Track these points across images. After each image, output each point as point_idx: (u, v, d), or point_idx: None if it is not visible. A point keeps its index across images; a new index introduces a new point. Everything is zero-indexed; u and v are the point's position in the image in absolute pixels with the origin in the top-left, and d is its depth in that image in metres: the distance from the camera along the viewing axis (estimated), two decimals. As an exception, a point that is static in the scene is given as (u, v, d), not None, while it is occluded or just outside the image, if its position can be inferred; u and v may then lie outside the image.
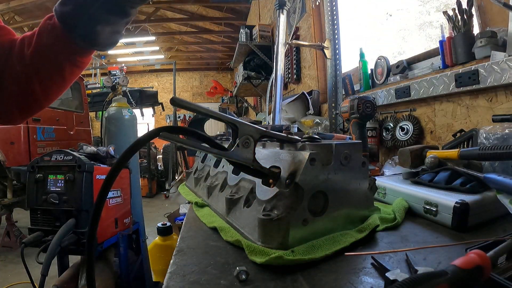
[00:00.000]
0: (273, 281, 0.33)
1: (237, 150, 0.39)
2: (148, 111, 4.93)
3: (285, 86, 2.70)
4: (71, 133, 3.53)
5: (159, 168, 5.29)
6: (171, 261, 0.39)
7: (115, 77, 3.92)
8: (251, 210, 0.47)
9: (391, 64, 1.32)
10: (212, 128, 6.46)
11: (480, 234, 0.45)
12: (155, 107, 4.97)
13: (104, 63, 7.29)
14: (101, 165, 1.34)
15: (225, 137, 0.88)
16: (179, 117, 7.21)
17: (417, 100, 1.06)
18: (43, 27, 0.46)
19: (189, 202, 0.76)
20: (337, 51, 1.55)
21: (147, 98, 4.66)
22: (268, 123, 1.55)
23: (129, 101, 3.46)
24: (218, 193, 0.65)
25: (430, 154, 0.66)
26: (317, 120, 1.43)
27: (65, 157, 1.17)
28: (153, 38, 6.48)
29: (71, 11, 0.43)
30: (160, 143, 5.71)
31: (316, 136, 0.47)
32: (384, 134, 1.20)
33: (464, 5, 0.92)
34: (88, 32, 0.44)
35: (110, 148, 1.89)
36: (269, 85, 1.54)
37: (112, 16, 0.43)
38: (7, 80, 0.47)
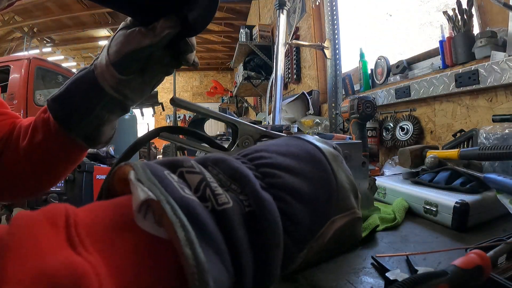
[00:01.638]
0: (273, 281, 0.33)
1: (237, 150, 0.39)
2: (148, 111, 4.94)
3: (285, 86, 2.70)
4: (71, 133, 3.53)
5: (159, 168, 5.27)
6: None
7: (115, 77, 3.93)
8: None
9: (391, 64, 1.32)
10: (212, 128, 6.46)
11: (480, 234, 0.45)
12: (155, 107, 4.97)
13: (104, 63, 7.29)
14: (101, 165, 1.34)
15: (225, 137, 0.88)
16: (179, 117, 7.22)
17: (417, 100, 1.07)
18: (38, 122, 0.42)
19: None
20: (337, 51, 1.55)
21: (147, 98, 4.66)
22: (268, 123, 1.56)
23: (129, 101, 3.46)
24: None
25: (430, 154, 0.66)
26: (317, 120, 1.43)
27: (65, 157, 1.18)
28: (153, 38, 6.47)
29: (70, 112, 0.39)
30: (160, 143, 5.71)
31: (316, 136, 0.47)
32: (384, 134, 1.20)
33: (464, 5, 0.92)
34: (90, 133, 0.41)
35: (110, 148, 1.89)
36: (269, 85, 1.55)
37: (113, 115, 0.41)
38: (4, 163, 0.44)
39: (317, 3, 1.99)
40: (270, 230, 0.19)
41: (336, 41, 1.56)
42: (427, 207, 0.52)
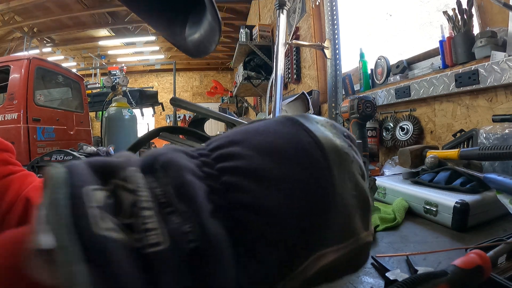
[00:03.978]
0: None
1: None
2: (148, 111, 4.93)
3: (285, 86, 2.70)
4: (71, 133, 3.53)
5: (159, 168, 5.28)
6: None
7: (115, 77, 3.93)
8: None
9: (391, 64, 1.32)
10: (212, 128, 6.46)
11: (480, 234, 0.45)
12: (155, 107, 4.97)
13: (104, 63, 7.29)
14: (101, 165, 1.35)
15: (225, 137, 0.88)
16: (179, 117, 7.21)
17: (417, 100, 1.06)
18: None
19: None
20: (337, 51, 1.55)
21: (147, 98, 4.66)
22: (268, 123, 1.55)
23: (129, 101, 3.46)
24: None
25: (430, 154, 0.66)
26: (317, 120, 1.43)
27: (65, 157, 1.17)
28: (153, 38, 6.47)
29: None
30: (160, 143, 5.71)
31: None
32: (384, 134, 1.20)
33: (464, 5, 0.92)
34: None
35: (110, 148, 1.89)
36: (269, 85, 1.54)
37: None
38: None
39: (317, 3, 1.98)
40: (215, 276, 0.14)
41: (336, 41, 1.56)
42: (427, 207, 0.52)
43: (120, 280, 0.12)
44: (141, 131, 3.03)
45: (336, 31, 1.57)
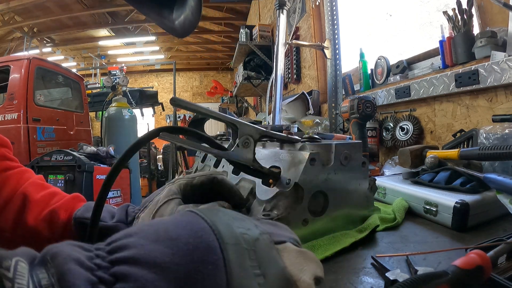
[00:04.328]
0: (273, 281, 0.33)
1: (237, 150, 0.39)
2: (148, 111, 4.93)
3: (285, 86, 2.70)
4: (71, 133, 3.53)
5: (159, 168, 5.29)
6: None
7: (115, 77, 3.92)
8: (251, 210, 0.47)
9: (391, 64, 1.32)
10: (212, 128, 6.46)
11: (480, 234, 0.45)
12: (155, 107, 4.97)
13: (104, 63, 7.29)
14: (101, 165, 1.34)
15: (225, 137, 0.88)
16: (179, 117, 7.21)
17: (417, 100, 1.07)
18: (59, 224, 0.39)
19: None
20: (337, 51, 1.55)
21: (147, 98, 4.66)
22: (268, 123, 1.55)
23: (129, 101, 3.46)
24: (218, 193, 0.64)
25: (430, 154, 0.66)
26: (317, 120, 1.43)
27: (65, 157, 1.18)
28: (153, 38, 6.48)
29: None
30: (160, 143, 5.71)
31: (316, 136, 0.47)
32: (384, 134, 1.20)
33: (464, 5, 0.92)
34: None
35: (110, 148, 1.89)
36: (269, 85, 1.54)
37: None
38: None
39: (317, 3, 1.98)
40: None
41: (336, 41, 1.56)
42: (427, 207, 0.52)
43: None
44: (141, 131, 3.03)
45: (336, 31, 1.57)
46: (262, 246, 0.19)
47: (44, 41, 6.18)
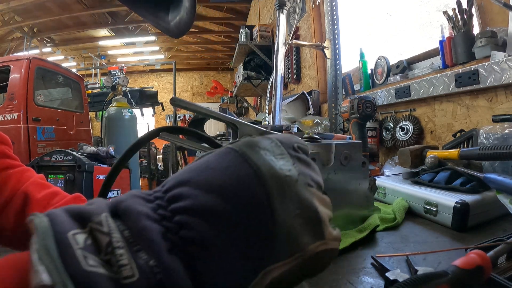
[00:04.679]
0: (273, 281, 0.33)
1: (237, 150, 0.39)
2: (148, 111, 4.93)
3: (285, 86, 2.70)
4: (71, 133, 3.53)
5: (159, 168, 5.29)
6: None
7: (115, 77, 3.92)
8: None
9: (391, 64, 1.32)
10: (212, 128, 6.46)
11: (480, 234, 0.45)
12: (155, 107, 4.97)
13: (104, 63, 7.29)
14: (101, 165, 1.34)
15: (225, 137, 0.88)
16: (179, 117, 7.21)
17: (417, 100, 1.07)
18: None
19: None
20: (337, 51, 1.55)
21: (147, 98, 4.66)
22: (268, 123, 1.55)
23: (129, 101, 3.45)
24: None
25: (430, 154, 0.66)
26: (317, 120, 1.43)
27: (65, 157, 1.18)
28: (153, 38, 6.48)
29: None
30: (160, 143, 5.71)
31: (316, 136, 0.47)
32: (384, 134, 1.20)
33: (464, 5, 0.92)
34: None
35: (110, 148, 1.89)
36: (269, 85, 1.54)
37: None
38: None
39: (317, 3, 1.98)
40: None
41: (336, 41, 1.56)
42: (427, 207, 0.52)
43: None
44: (141, 131, 3.03)
45: (336, 31, 1.57)
46: (300, 188, 0.20)
47: (44, 41, 6.18)
